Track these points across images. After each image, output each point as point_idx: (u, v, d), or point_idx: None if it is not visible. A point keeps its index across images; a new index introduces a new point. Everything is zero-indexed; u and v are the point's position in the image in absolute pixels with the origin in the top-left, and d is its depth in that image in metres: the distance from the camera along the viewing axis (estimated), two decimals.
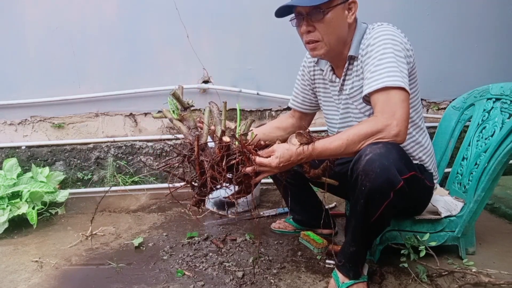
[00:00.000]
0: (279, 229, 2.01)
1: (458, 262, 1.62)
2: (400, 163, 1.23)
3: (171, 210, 2.40)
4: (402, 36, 1.37)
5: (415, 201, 1.52)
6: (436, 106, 2.87)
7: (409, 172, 1.27)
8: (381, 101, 1.27)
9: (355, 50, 1.43)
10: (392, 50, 1.31)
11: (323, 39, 1.39)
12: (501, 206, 2.16)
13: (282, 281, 1.53)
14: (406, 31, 1.41)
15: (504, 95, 1.63)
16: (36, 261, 1.78)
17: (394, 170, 1.21)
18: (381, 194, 1.23)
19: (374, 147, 1.22)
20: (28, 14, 2.65)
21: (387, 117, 1.24)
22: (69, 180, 2.81)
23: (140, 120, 2.86)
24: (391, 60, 1.30)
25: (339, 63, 1.51)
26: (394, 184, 1.21)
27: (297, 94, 1.78)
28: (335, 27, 1.38)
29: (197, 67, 2.78)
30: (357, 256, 1.41)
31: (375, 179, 1.20)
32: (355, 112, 1.52)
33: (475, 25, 2.74)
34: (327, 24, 1.37)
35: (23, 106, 2.77)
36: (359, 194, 1.26)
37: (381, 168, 1.19)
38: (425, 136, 1.57)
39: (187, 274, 1.60)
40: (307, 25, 1.39)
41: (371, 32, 1.39)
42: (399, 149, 1.28)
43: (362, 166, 1.22)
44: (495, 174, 1.51)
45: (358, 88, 1.46)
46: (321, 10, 1.34)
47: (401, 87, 1.26)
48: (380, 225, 1.38)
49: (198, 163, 1.29)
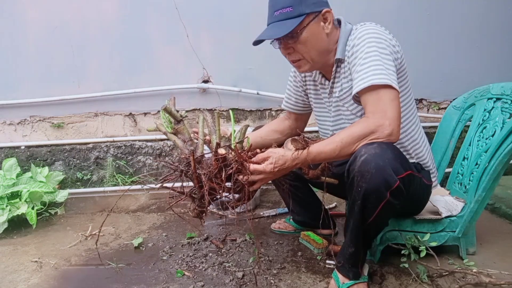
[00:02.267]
0: (279, 229, 2.01)
1: (458, 262, 1.61)
2: (395, 163, 1.23)
3: (170, 211, 2.40)
4: (387, 33, 1.37)
5: (414, 200, 1.51)
6: (436, 106, 2.87)
7: (405, 172, 1.26)
8: (371, 101, 1.27)
9: (341, 53, 1.43)
10: (376, 48, 1.31)
11: (304, 57, 1.41)
12: (501, 206, 2.16)
13: (282, 282, 1.52)
14: (406, 31, 1.41)
15: (505, 94, 1.63)
16: (36, 261, 1.78)
17: (389, 170, 1.20)
18: (377, 194, 1.23)
19: (369, 148, 1.22)
20: (28, 14, 2.64)
21: (379, 117, 1.24)
22: (69, 180, 2.81)
23: (139, 120, 2.86)
24: (375, 58, 1.30)
25: (327, 68, 1.52)
26: (390, 184, 1.21)
27: (289, 96, 1.78)
28: (313, 43, 1.39)
29: (197, 67, 2.77)
30: (356, 257, 1.40)
31: (371, 180, 1.20)
32: (346, 114, 1.52)
33: (476, 25, 2.74)
34: (304, 44, 1.37)
35: (23, 106, 2.76)
36: (356, 195, 1.26)
37: (376, 169, 1.19)
38: (420, 133, 1.57)
39: (187, 275, 1.60)
40: (285, 48, 1.41)
41: (355, 32, 1.39)
42: (394, 149, 1.27)
43: (357, 167, 1.22)
44: (496, 174, 1.50)
45: (347, 90, 1.46)
46: (293, 34, 1.34)
47: (388, 85, 1.25)
48: (378, 225, 1.38)
49: (196, 177, 1.28)
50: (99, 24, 2.69)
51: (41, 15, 2.65)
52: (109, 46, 2.72)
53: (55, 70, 2.73)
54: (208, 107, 2.85)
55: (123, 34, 2.71)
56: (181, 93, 2.80)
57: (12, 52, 2.68)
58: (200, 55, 2.75)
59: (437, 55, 2.77)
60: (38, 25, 2.66)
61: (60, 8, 2.65)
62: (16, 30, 2.66)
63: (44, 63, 2.72)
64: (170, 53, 2.76)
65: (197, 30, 2.72)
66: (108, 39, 2.71)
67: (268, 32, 1.39)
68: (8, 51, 2.68)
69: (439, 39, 2.75)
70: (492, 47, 2.77)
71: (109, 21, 2.69)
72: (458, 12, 2.72)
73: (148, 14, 2.69)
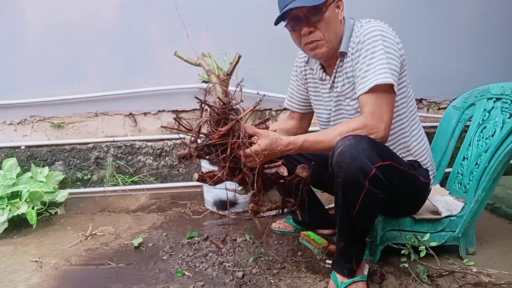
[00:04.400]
0: (279, 229, 2.01)
1: (458, 262, 1.61)
2: (370, 152, 1.25)
3: (170, 210, 2.40)
4: (391, 31, 1.39)
5: (409, 196, 1.52)
6: (436, 106, 2.87)
7: (383, 161, 1.28)
8: (370, 103, 1.33)
9: (345, 47, 1.45)
10: (382, 47, 1.34)
11: (324, 37, 1.41)
12: (501, 206, 2.16)
13: (282, 281, 1.53)
14: (406, 31, 1.42)
15: (505, 94, 1.63)
16: (36, 261, 1.78)
17: (364, 159, 1.23)
18: (356, 183, 1.25)
19: (344, 140, 1.26)
20: (28, 13, 2.64)
21: (376, 120, 1.31)
22: (69, 180, 2.81)
23: (139, 120, 2.86)
24: (381, 57, 1.33)
25: (331, 61, 1.52)
26: (366, 172, 1.23)
27: (292, 95, 1.78)
28: (333, 24, 1.41)
29: (197, 67, 2.77)
30: (347, 252, 1.39)
31: (347, 170, 1.24)
32: (347, 109, 1.53)
33: (475, 25, 2.74)
34: (326, 22, 1.39)
35: (23, 105, 2.76)
36: (337, 187, 1.29)
37: (351, 158, 1.22)
38: (420, 131, 1.59)
39: (187, 274, 1.60)
40: (308, 26, 1.40)
41: (360, 29, 1.41)
42: (370, 140, 1.29)
43: (335, 159, 1.26)
44: (496, 174, 1.51)
45: (350, 86, 1.47)
46: (320, 9, 1.35)
47: (390, 83, 1.31)
48: (364, 217, 1.35)
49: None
50: (99, 24, 2.69)
51: (41, 15, 2.65)
52: (109, 46, 2.72)
53: (55, 70, 2.73)
54: None
55: (123, 34, 2.71)
56: (181, 93, 2.80)
57: (12, 52, 2.68)
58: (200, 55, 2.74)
59: (437, 55, 2.77)
60: (38, 25, 2.66)
61: (60, 8, 2.65)
62: (16, 29, 2.66)
63: (44, 63, 2.72)
64: (170, 53, 2.75)
65: (197, 30, 2.72)
66: (108, 39, 2.71)
67: (298, 1, 1.34)
68: (8, 51, 2.68)
69: (439, 39, 2.75)
70: (492, 47, 2.77)
71: (109, 21, 2.69)
72: (458, 12, 2.72)
73: (148, 14, 2.69)
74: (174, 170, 2.87)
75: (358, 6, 2.71)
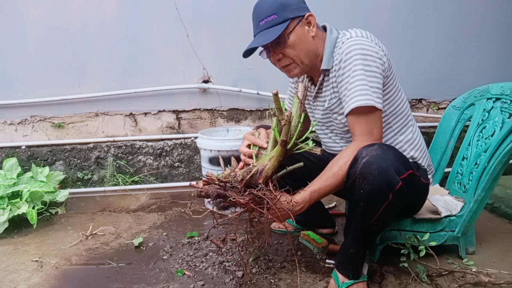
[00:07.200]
0: (279, 228, 2.01)
1: (458, 261, 1.62)
2: (397, 163, 1.24)
3: (171, 210, 2.40)
4: (372, 45, 1.35)
5: (412, 199, 1.52)
6: (436, 106, 2.87)
7: (407, 171, 1.27)
8: (357, 124, 1.35)
9: (328, 63, 1.43)
10: (361, 67, 1.32)
11: (294, 60, 1.42)
12: (501, 205, 2.16)
13: (282, 281, 1.53)
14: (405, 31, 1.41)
15: (504, 94, 1.63)
16: (36, 261, 1.78)
17: (392, 171, 1.21)
18: (380, 196, 1.23)
19: (369, 149, 1.23)
20: (28, 13, 2.65)
21: (367, 138, 1.33)
22: (69, 179, 2.81)
23: (140, 120, 2.86)
24: (361, 77, 1.32)
25: (315, 75, 1.55)
26: (392, 185, 1.22)
27: (291, 96, 1.79)
28: (301, 46, 1.40)
29: (197, 67, 2.78)
30: (356, 257, 1.41)
31: (373, 182, 1.21)
32: (336, 122, 1.54)
33: (475, 25, 2.74)
34: (292, 47, 1.39)
35: (23, 105, 2.77)
36: (358, 198, 1.26)
37: (379, 170, 1.20)
38: (415, 133, 1.58)
39: (187, 274, 1.60)
40: (275, 54, 1.43)
41: (342, 46, 1.38)
42: (395, 150, 1.29)
43: (359, 169, 1.23)
44: (495, 174, 1.51)
45: (336, 101, 1.47)
46: (280, 39, 1.36)
47: (372, 106, 1.30)
48: (379, 227, 1.39)
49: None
50: (99, 24, 2.69)
51: (41, 15, 2.65)
52: (110, 46, 2.73)
53: (55, 70, 2.73)
54: (208, 107, 2.86)
55: (123, 34, 2.72)
56: (181, 93, 2.81)
57: (12, 52, 2.69)
58: (200, 55, 2.75)
59: (436, 55, 2.77)
60: (38, 25, 2.67)
61: (60, 8, 2.65)
62: (17, 30, 2.67)
63: (44, 63, 2.72)
64: (170, 53, 2.76)
65: (197, 30, 2.72)
66: (109, 39, 2.72)
67: (257, 40, 1.39)
68: (9, 51, 2.69)
69: (439, 39, 2.75)
70: (491, 47, 2.78)
71: (109, 21, 2.69)
72: (458, 12, 2.72)
73: (148, 14, 2.70)
74: (174, 170, 2.88)
75: (357, 6, 2.73)
